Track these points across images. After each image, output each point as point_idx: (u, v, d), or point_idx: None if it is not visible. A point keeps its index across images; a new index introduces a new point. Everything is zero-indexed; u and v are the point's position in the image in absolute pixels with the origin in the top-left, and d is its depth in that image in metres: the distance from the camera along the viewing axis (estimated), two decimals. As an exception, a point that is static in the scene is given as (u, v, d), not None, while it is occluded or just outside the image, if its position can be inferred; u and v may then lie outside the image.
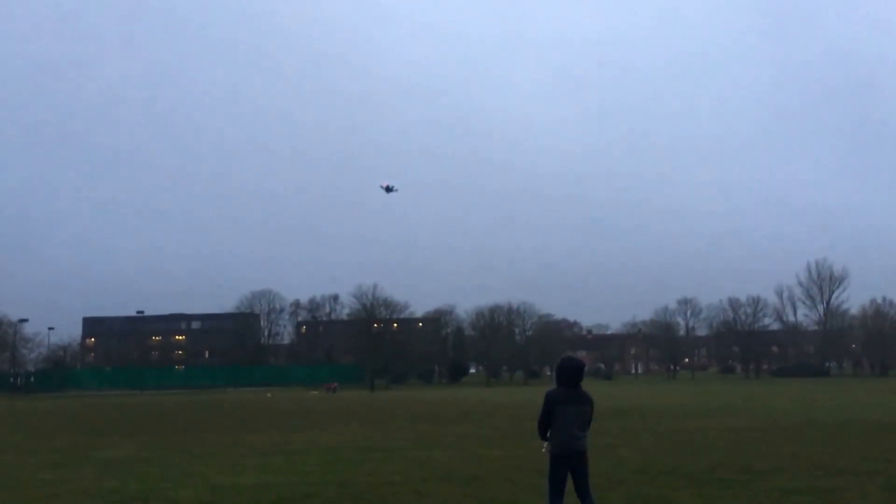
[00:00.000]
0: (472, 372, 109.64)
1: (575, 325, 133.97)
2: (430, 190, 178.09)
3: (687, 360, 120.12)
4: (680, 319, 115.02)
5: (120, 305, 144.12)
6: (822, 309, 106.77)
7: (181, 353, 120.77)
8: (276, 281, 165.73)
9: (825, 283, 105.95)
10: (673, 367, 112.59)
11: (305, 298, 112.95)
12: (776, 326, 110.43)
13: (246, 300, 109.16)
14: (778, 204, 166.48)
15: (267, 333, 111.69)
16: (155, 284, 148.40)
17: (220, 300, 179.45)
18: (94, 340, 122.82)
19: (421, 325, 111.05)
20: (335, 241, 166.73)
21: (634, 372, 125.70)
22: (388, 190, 74.04)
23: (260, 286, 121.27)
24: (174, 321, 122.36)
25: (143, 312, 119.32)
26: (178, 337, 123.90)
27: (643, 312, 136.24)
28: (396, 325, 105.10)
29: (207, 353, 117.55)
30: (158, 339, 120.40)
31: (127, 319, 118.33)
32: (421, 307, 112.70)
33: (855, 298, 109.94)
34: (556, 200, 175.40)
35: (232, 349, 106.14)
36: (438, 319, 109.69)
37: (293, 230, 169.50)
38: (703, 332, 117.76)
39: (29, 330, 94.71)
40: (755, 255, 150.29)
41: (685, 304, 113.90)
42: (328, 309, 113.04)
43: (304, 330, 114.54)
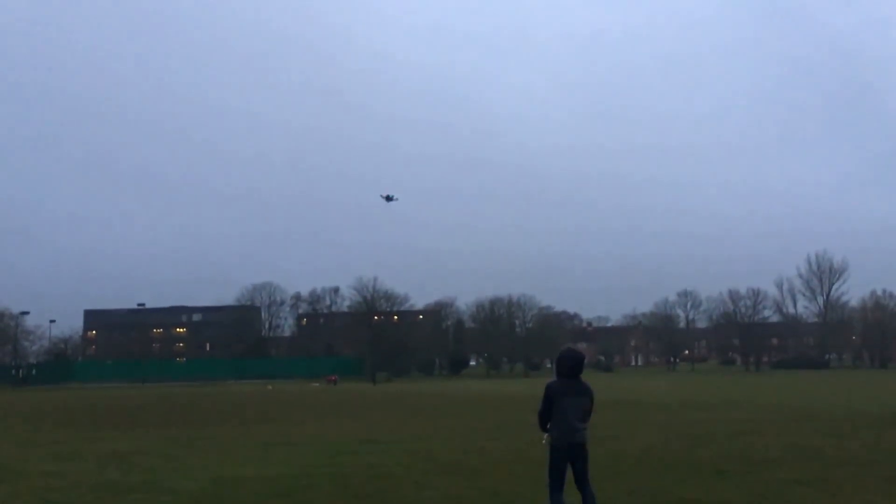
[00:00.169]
0: (472, 364, 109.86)
1: (575, 317, 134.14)
2: (429, 184, 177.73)
3: (687, 352, 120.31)
4: (680, 312, 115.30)
5: (121, 298, 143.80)
6: (822, 301, 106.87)
7: (182, 345, 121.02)
8: (276, 273, 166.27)
9: (825, 275, 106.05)
10: (673, 359, 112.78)
11: (306, 291, 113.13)
12: (776, 319, 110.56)
13: (247, 293, 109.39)
14: (777, 198, 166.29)
15: (268, 326, 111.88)
16: (156, 277, 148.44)
17: (220, 293, 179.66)
18: (95, 333, 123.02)
19: (421, 317, 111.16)
20: (336, 234, 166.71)
21: (634, 364, 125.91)
22: (388, 199, 77.07)
23: (261, 279, 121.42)
24: (175, 314, 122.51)
25: (144, 305, 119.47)
26: (179, 329, 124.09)
27: (643, 305, 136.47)
28: (397, 317, 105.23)
29: (208, 345, 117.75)
30: (159, 331, 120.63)
31: (128, 312, 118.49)
32: (421, 300, 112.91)
33: (855, 291, 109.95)
34: (556, 195, 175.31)
35: (233, 342, 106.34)
36: (439, 312, 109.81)
37: (294, 223, 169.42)
38: (702, 324, 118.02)
39: (30, 322, 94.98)
40: (755, 247, 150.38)
41: (685, 296, 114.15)
42: (329, 301, 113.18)
43: (304, 322, 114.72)
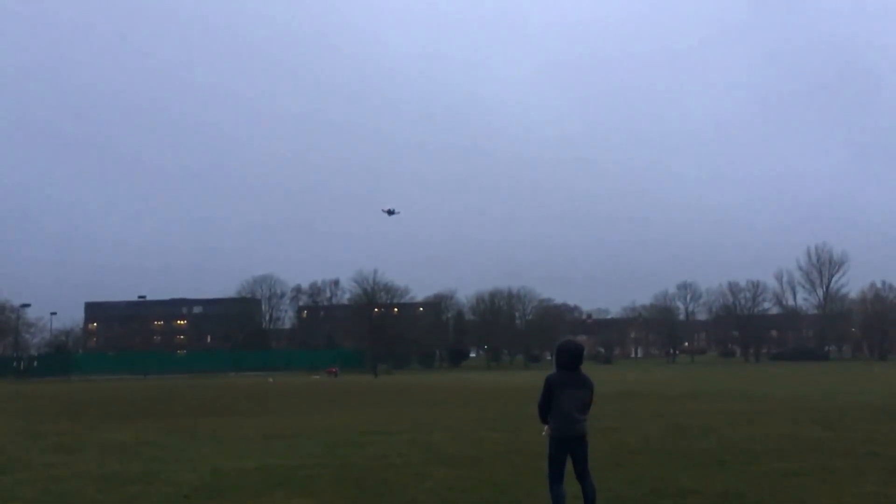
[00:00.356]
0: (472, 356, 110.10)
1: (575, 309, 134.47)
2: (428, 177, 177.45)
3: (686, 343, 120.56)
4: (679, 304, 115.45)
5: (122, 290, 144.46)
6: (821, 293, 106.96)
7: (183, 337, 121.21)
8: (276, 266, 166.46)
9: (825, 267, 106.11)
10: (672, 350, 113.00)
11: (306, 283, 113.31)
12: (776, 311, 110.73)
13: (247, 285, 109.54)
14: (777, 190, 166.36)
15: (268, 318, 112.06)
16: (156, 270, 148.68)
17: (221, 285, 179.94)
18: (96, 325, 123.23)
19: (422, 309, 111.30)
20: (336, 226, 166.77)
21: (634, 356, 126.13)
22: (389, 213, 78.02)
23: (261, 271, 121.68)
24: (176, 306, 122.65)
25: (144, 297, 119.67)
26: (179, 322, 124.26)
27: (643, 297, 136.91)
28: (397, 309, 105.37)
29: (209, 337, 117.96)
30: (160, 323, 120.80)
31: (129, 304, 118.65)
32: (421, 292, 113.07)
33: (854, 283, 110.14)
34: (554, 186, 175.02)
35: (233, 334, 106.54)
36: (439, 304, 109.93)
37: (294, 215, 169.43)
38: (702, 316, 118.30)
39: (31, 315, 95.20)
40: (755, 239, 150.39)
41: (685, 288, 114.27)
42: (329, 294, 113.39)
43: (305, 315, 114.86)
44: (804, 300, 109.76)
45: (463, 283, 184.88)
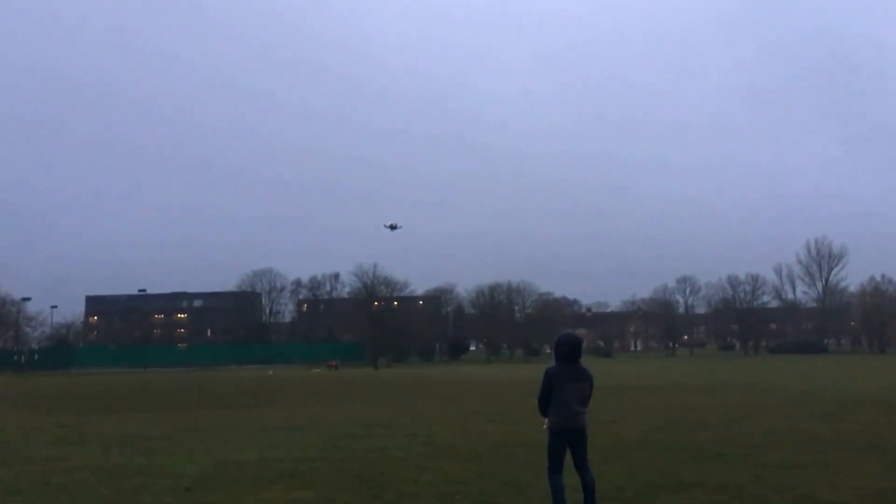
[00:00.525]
0: (472, 349, 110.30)
1: (575, 303, 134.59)
2: (427, 170, 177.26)
3: (686, 337, 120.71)
4: (679, 297, 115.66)
5: (122, 284, 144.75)
6: (820, 286, 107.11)
7: (183, 331, 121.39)
8: (276, 260, 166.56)
9: (824, 260, 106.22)
10: (672, 344, 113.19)
11: (306, 277, 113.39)
12: (775, 304, 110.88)
13: (247, 279, 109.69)
14: (775, 184, 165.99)
15: (268, 312, 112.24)
16: (157, 263, 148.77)
17: (221, 279, 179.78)
18: (96, 319, 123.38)
19: (421, 303, 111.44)
20: (335, 220, 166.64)
21: (633, 349, 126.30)
22: (392, 228, 78.88)
23: (261, 265, 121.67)
24: (176, 300, 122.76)
25: (144, 291, 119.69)
26: (179, 315, 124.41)
27: (643, 290, 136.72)
28: (397, 303, 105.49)
29: (209, 331, 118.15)
30: (160, 317, 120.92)
31: (129, 298, 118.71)
32: (421, 286, 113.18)
33: (854, 276, 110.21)
34: (554, 180, 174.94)
35: (233, 327, 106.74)
36: (439, 298, 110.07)
37: (294, 209, 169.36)
38: (701, 309, 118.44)
39: (32, 308, 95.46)
40: (754, 233, 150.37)
41: (684, 282, 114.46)
42: (329, 287, 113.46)
43: (304, 308, 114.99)
44: (803, 293, 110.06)
45: (463, 276, 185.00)
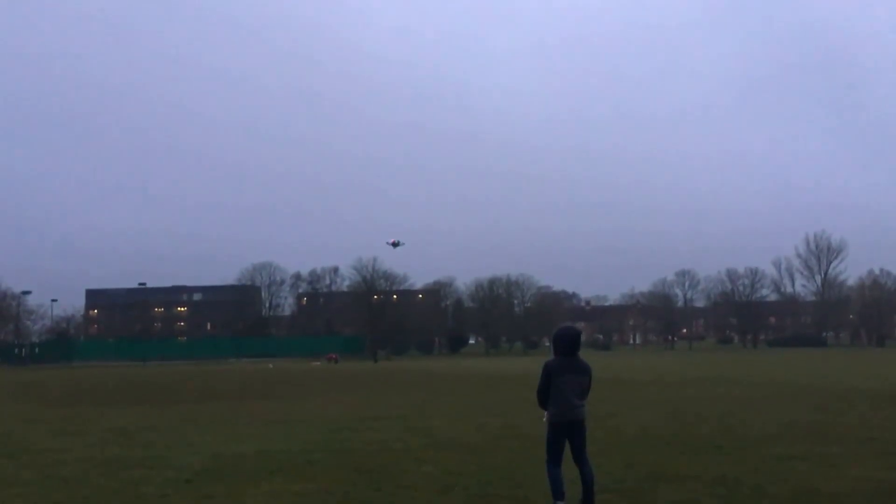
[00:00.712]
0: (471, 343, 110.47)
1: (573, 296, 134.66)
2: (425, 163, 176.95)
3: (685, 330, 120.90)
4: (678, 291, 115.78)
5: (122, 277, 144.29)
6: (819, 280, 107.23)
7: (183, 324, 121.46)
8: (276, 253, 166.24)
9: (823, 254, 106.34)
10: (670, 337, 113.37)
11: (306, 271, 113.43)
12: (774, 297, 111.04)
13: (247, 272, 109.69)
14: (776, 178, 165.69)
15: (268, 305, 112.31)
16: (156, 257, 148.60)
17: (221, 272, 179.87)
18: (96, 312, 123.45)
19: (421, 296, 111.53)
20: (335, 214, 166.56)
21: (632, 343, 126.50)
22: (395, 245, 79.69)
23: (260, 258, 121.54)
24: (176, 293, 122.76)
25: (144, 284, 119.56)
26: (179, 309, 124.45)
27: (641, 284, 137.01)
28: (396, 296, 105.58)
29: (209, 324, 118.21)
30: (160, 310, 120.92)
31: (129, 291, 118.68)
32: (420, 279, 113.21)
33: (853, 270, 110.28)
34: (552, 173, 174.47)
35: (233, 321, 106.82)
36: (438, 291, 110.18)
37: (293, 203, 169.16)
38: (700, 303, 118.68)
39: (32, 302, 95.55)
40: (753, 227, 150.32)
41: (683, 275, 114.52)
42: (328, 281, 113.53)
43: (304, 302, 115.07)
44: (802, 287, 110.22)
45: (462, 270, 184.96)
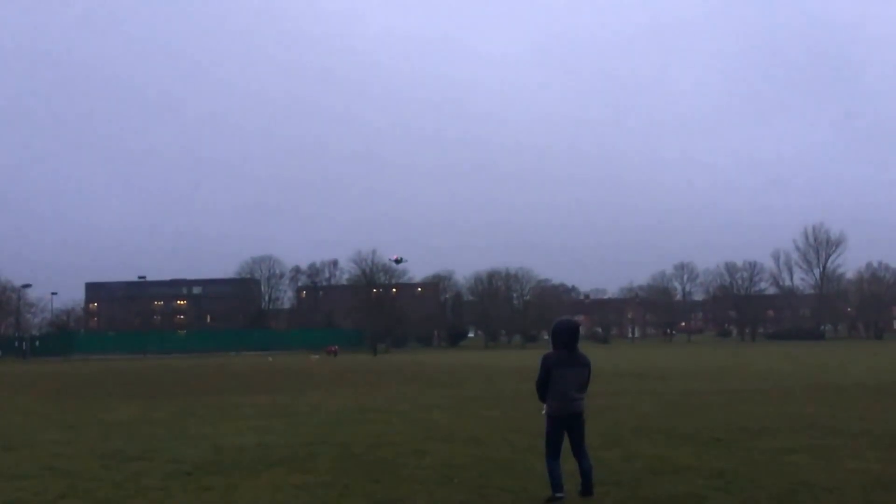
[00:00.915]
0: (470, 336, 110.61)
1: (572, 289, 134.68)
2: (424, 160, 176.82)
3: (683, 323, 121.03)
4: (677, 284, 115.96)
5: (122, 271, 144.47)
6: (818, 273, 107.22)
7: (182, 317, 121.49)
8: (275, 247, 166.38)
9: (822, 247, 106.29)
10: (669, 330, 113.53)
11: (305, 264, 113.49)
12: (772, 290, 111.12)
13: (246, 266, 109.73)
14: (774, 171, 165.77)
15: (267, 298, 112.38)
16: (156, 250, 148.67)
17: (220, 266, 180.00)
18: (96, 305, 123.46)
19: (420, 290, 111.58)
20: (334, 207, 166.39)
21: (631, 336, 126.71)
22: (397, 262, 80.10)
23: (260, 252, 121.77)
24: (175, 286, 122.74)
25: (144, 278, 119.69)
26: (179, 302, 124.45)
27: (640, 277, 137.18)
28: (396, 290, 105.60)
29: (209, 317, 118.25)
30: (160, 303, 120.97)
31: (129, 284, 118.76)
32: (420, 273, 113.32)
33: (851, 263, 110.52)
34: (551, 168, 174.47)
35: (233, 314, 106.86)
36: (437, 284, 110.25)
37: (293, 196, 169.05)
38: (699, 296, 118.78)
39: (32, 295, 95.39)
40: (752, 220, 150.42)
41: (682, 268, 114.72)
42: (328, 274, 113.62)
43: (304, 295, 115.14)
44: (801, 280, 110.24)
45: (461, 263, 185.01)
